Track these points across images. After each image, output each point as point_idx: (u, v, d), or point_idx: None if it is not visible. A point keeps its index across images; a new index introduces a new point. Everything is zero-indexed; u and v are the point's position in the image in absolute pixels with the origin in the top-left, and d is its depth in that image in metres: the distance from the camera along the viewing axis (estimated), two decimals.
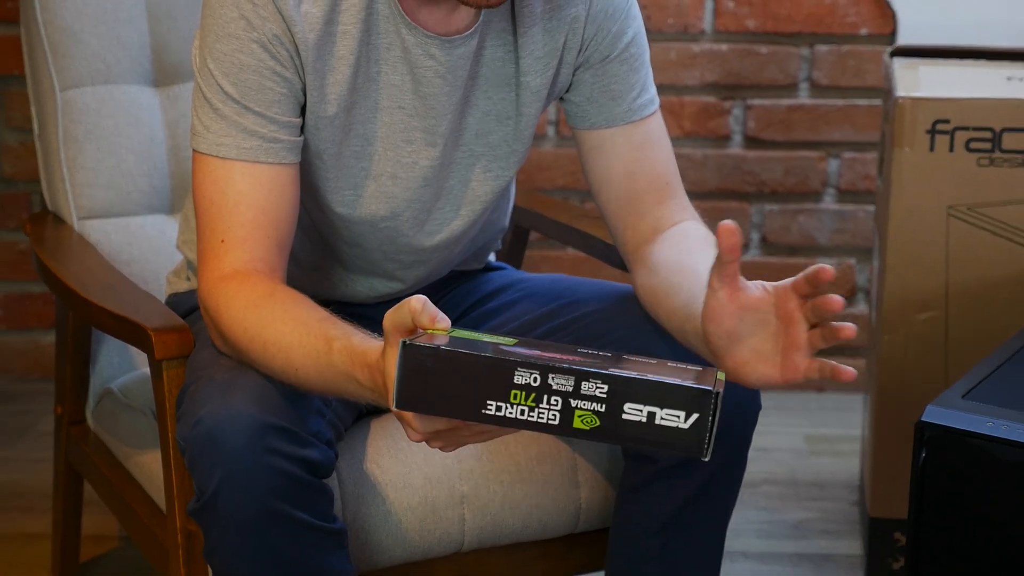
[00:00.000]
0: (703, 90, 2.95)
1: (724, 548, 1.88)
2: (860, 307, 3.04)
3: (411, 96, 1.76)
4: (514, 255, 2.37)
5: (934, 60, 2.40)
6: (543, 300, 1.96)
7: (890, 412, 2.33)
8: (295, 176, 1.71)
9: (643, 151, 1.84)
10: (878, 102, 2.94)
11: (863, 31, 2.91)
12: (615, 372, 1.35)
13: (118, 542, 2.52)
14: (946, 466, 1.76)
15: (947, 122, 2.22)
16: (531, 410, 1.35)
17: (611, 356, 1.42)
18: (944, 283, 2.27)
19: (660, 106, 1.88)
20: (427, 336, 1.39)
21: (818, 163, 2.98)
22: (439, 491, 1.87)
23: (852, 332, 1.45)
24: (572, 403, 1.35)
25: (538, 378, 1.35)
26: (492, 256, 2.12)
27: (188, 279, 2.02)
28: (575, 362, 1.36)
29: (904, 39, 2.87)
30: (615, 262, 2.10)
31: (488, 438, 1.49)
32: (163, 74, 2.27)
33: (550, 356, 1.38)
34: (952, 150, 2.22)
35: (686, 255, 1.76)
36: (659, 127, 1.86)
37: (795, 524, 2.59)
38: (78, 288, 1.99)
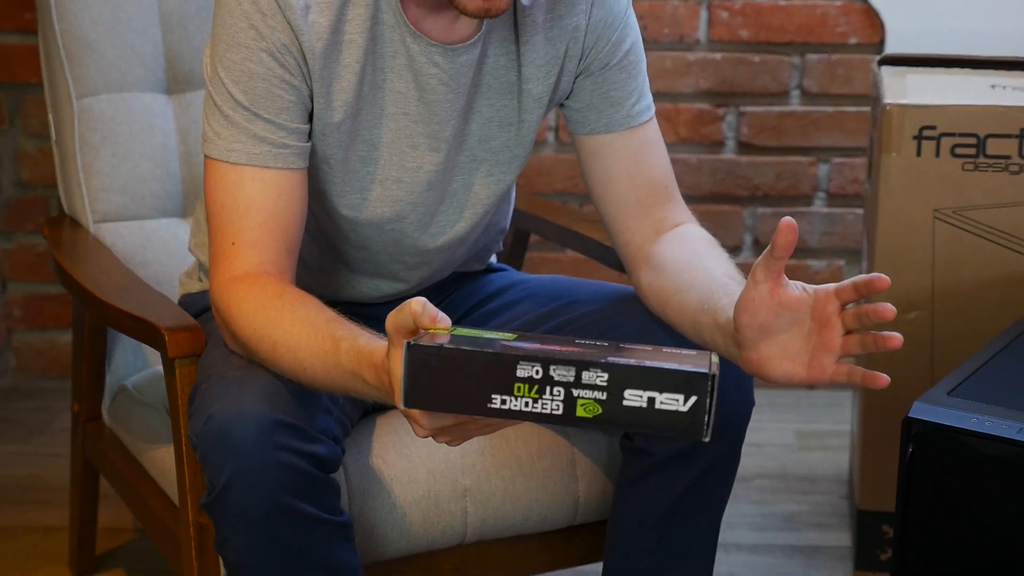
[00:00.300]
0: (698, 97, 2.95)
1: (718, 540, 1.88)
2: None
3: (416, 103, 1.76)
4: (515, 257, 2.37)
5: (921, 68, 2.39)
6: (543, 300, 1.96)
7: (878, 408, 2.33)
8: (303, 181, 1.71)
9: (641, 155, 1.84)
10: (866, 109, 2.94)
11: (852, 40, 2.90)
12: (614, 360, 1.35)
13: (133, 534, 2.52)
14: (932, 461, 1.75)
15: (933, 128, 2.21)
16: (535, 401, 1.35)
17: (608, 346, 1.42)
18: (930, 284, 2.27)
19: (656, 112, 1.88)
20: (429, 336, 1.39)
21: (808, 168, 2.98)
22: (442, 485, 1.87)
23: (899, 342, 1.46)
24: (574, 392, 1.34)
25: (540, 370, 1.34)
26: (494, 258, 2.12)
27: (200, 280, 2.02)
28: (575, 353, 1.36)
29: (892, 48, 2.87)
30: (612, 263, 2.10)
31: (493, 431, 1.49)
32: (176, 82, 2.27)
33: (551, 348, 1.38)
34: (938, 155, 2.22)
35: (693, 254, 1.76)
36: (655, 133, 1.86)
37: (786, 517, 2.59)
38: (94, 289, 1.98)
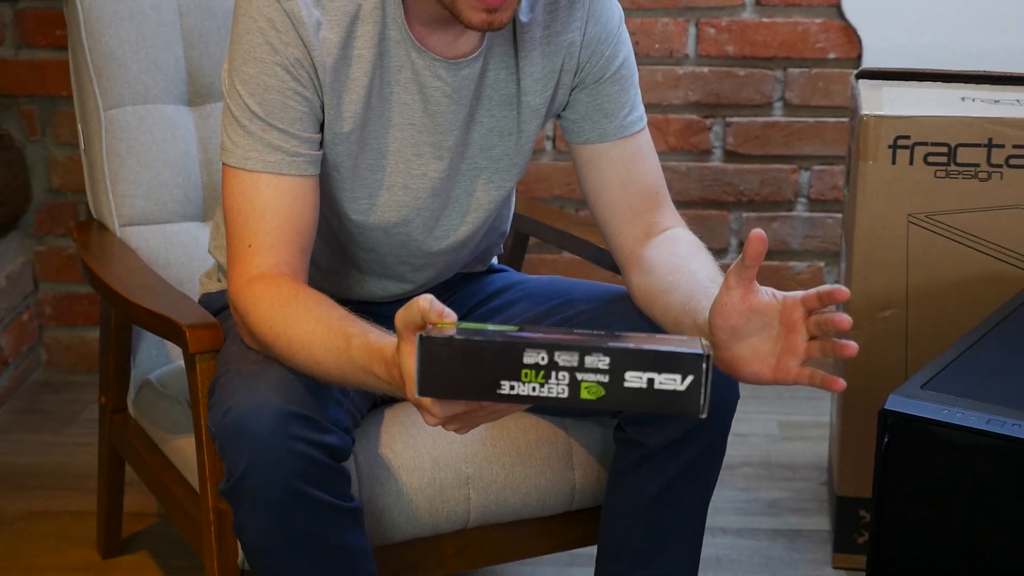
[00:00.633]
0: (687, 109, 2.94)
1: (706, 524, 1.88)
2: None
3: (421, 114, 1.75)
4: (515, 258, 2.37)
5: (896, 82, 2.39)
6: (541, 299, 1.96)
7: (856, 401, 2.32)
8: (315, 187, 1.71)
9: (634, 163, 1.84)
10: (845, 120, 2.93)
11: (831, 55, 2.90)
12: (614, 345, 1.35)
13: (156, 519, 2.52)
14: (906, 450, 1.75)
15: (907, 138, 2.21)
16: (541, 386, 1.35)
17: (605, 334, 1.43)
18: (905, 284, 2.27)
19: (648, 123, 1.87)
20: (437, 330, 1.39)
21: (790, 175, 2.97)
22: (446, 473, 1.87)
23: (854, 350, 1.46)
24: (578, 376, 1.35)
25: (545, 356, 1.35)
26: (495, 259, 2.12)
27: (219, 280, 2.02)
28: (577, 340, 1.37)
29: (868, 63, 2.87)
30: (606, 265, 2.10)
31: (499, 417, 1.49)
32: (196, 95, 2.27)
33: (554, 336, 1.38)
34: (912, 163, 2.21)
35: (679, 258, 1.75)
36: (647, 142, 1.86)
37: (770, 503, 2.59)
38: (120, 289, 1.98)
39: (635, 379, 1.35)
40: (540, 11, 1.78)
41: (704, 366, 1.34)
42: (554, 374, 1.35)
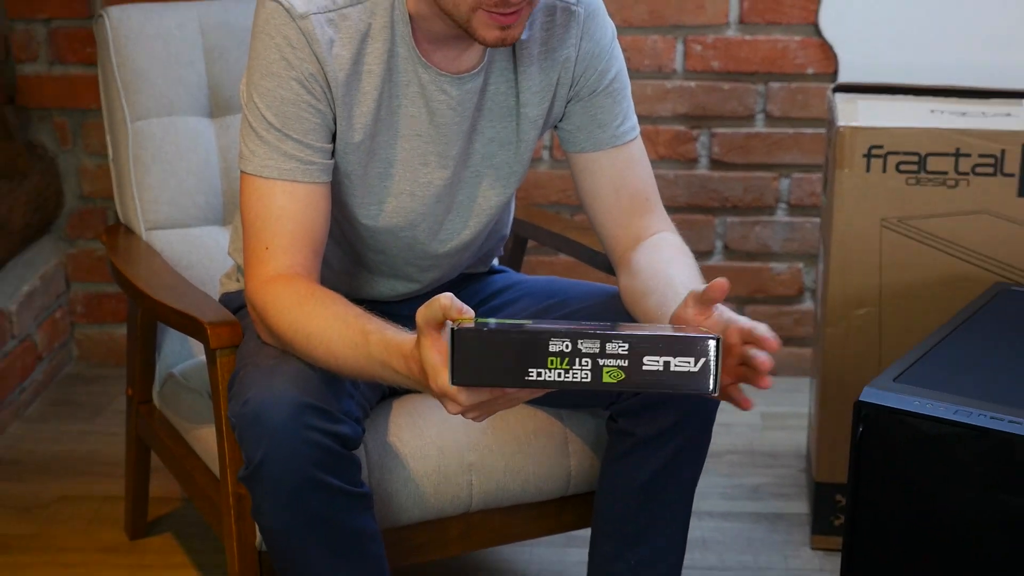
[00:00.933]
0: (675, 120, 2.94)
1: (693, 508, 1.88)
2: (807, 304, 3.03)
3: (427, 126, 1.75)
4: (514, 260, 2.36)
5: (870, 95, 2.39)
6: (539, 298, 1.96)
7: (833, 393, 2.32)
8: (327, 193, 1.71)
9: (626, 171, 1.84)
10: (822, 131, 2.93)
11: (809, 71, 2.90)
12: (632, 332, 1.38)
13: (180, 503, 2.51)
14: (880, 438, 1.75)
15: (881, 147, 2.21)
16: (566, 372, 1.37)
17: (610, 324, 1.44)
18: (878, 284, 2.26)
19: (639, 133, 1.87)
20: (458, 325, 1.40)
21: (772, 182, 2.97)
22: (450, 460, 1.87)
23: (768, 384, 1.49)
24: (600, 362, 1.37)
25: (569, 345, 1.37)
26: (495, 261, 2.11)
27: (238, 281, 2.01)
28: (592, 329, 1.39)
29: (844, 77, 2.86)
30: (600, 266, 2.10)
31: (515, 404, 1.50)
32: (217, 107, 2.26)
33: (572, 326, 1.39)
34: (885, 171, 2.21)
35: (660, 262, 1.75)
36: (640, 150, 1.86)
37: (752, 488, 2.58)
38: (146, 288, 1.98)
39: (652, 363, 1.37)
40: (538, 28, 1.77)
41: (715, 349, 1.37)
42: (578, 360, 1.37)
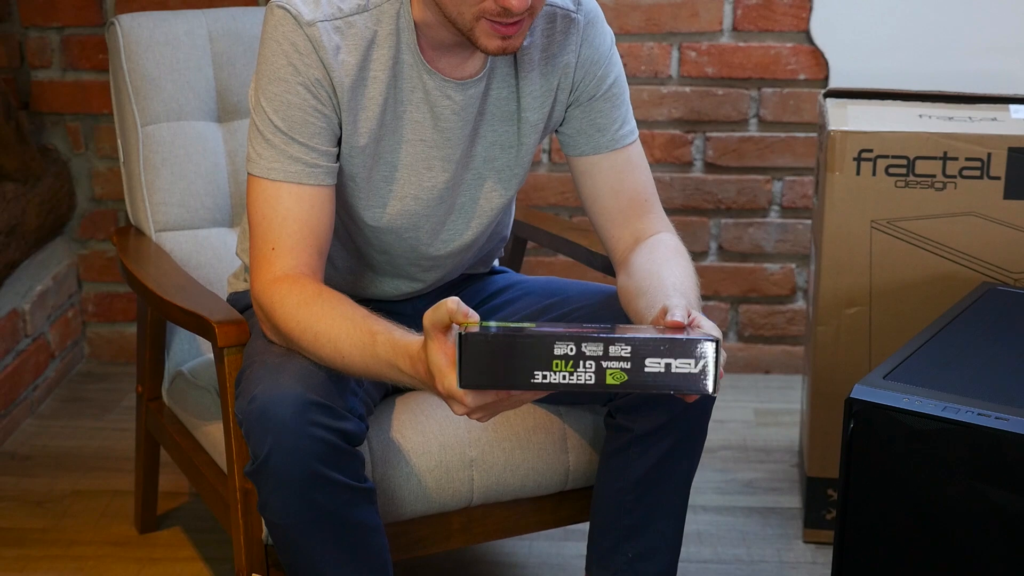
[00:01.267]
0: (670, 124, 2.94)
1: (688, 502, 1.87)
2: (799, 303, 3.03)
3: (431, 130, 1.75)
4: (514, 261, 2.36)
5: (860, 100, 2.38)
6: (539, 298, 1.95)
7: (824, 390, 2.32)
8: (332, 196, 1.70)
9: (625, 173, 1.83)
10: (814, 135, 2.92)
11: (801, 77, 2.89)
12: (634, 336, 1.38)
13: (188, 497, 2.51)
14: (870, 434, 1.74)
15: (870, 151, 2.20)
16: (571, 374, 1.38)
17: (610, 327, 1.44)
18: (868, 284, 2.26)
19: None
20: (465, 328, 1.40)
21: (765, 185, 2.97)
22: (452, 456, 1.86)
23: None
24: (603, 364, 1.38)
25: (574, 348, 1.37)
26: (496, 261, 2.11)
27: (245, 281, 2.01)
28: (592, 332, 1.39)
29: (835, 83, 2.86)
30: (597, 266, 2.09)
31: (518, 406, 1.50)
32: (225, 112, 2.26)
33: (575, 330, 1.39)
34: (874, 174, 2.21)
35: (654, 264, 1.75)
36: (638, 153, 1.85)
37: (746, 483, 2.58)
38: (155, 288, 1.98)
39: (654, 364, 1.38)
40: (538, 35, 1.77)
41: (714, 351, 1.37)
42: (582, 363, 1.37)
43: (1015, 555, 1.67)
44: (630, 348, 1.37)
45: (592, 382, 1.38)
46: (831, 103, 2.36)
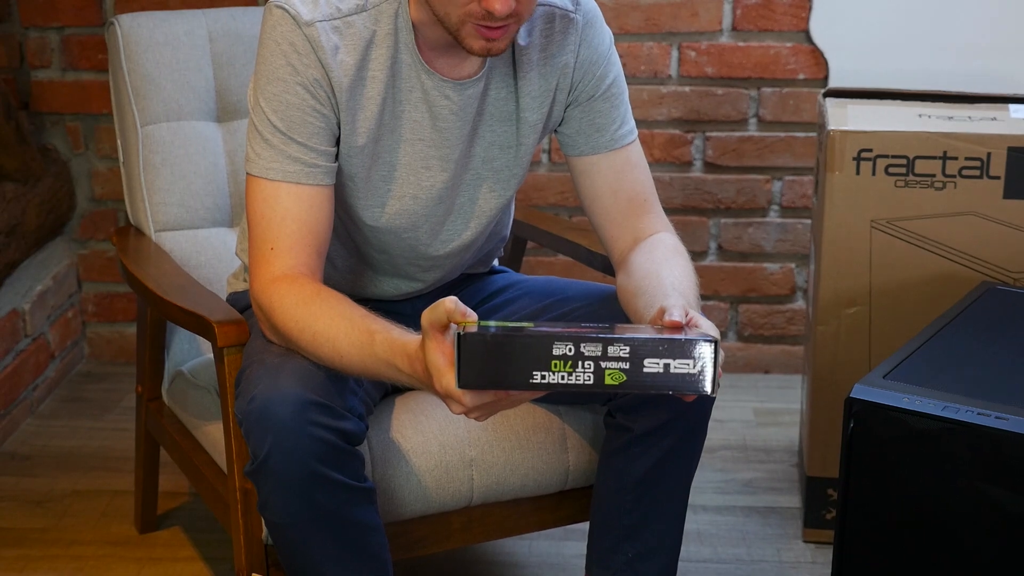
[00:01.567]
0: (670, 124, 2.94)
1: (688, 502, 1.87)
2: (799, 303, 3.03)
3: (430, 130, 1.75)
4: (514, 260, 2.36)
5: (859, 100, 2.38)
6: (538, 297, 1.95)
7: (824, 390, 2.32)
8: (331, 195, 1.70)
9: (624, 173, 1.83)
10: (813, 134, 2.92)
11: (800, 76, 2.89)
12: (633, 336, 1.37)
13: (188, 497, 2.51)
14: (870, 434, 1.74)
15: (870, 151, 2.20)
16: (569, 375, 1.38)
17: (608, 327, 1.43)
18: (868, 283, 2.26)
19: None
20: (463, 328, 1.39)
21: (764, 184, 2.97)
22: (452, 456, 1.86)
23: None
24: (602, 365, 1.37)
25: (572, 348, 1.37)
26: (496, 261, 2.11)
27: (244, 281, 2.01)
28: (591, 332, 1.39)
29: (835, 83, 2.86)
30: (597, 266, 2.09)
31: (516, 406, 1.50)
32: (224, 112, 2.26)
33: (574, 330, 1.39)
34: (874, 174, 2.21)
35: (653, 263, 1.75)
36: (637, 153, 1.85)
37: (746, 482, 2.58)
38: (155, 288, 1.98)
39: (653, 365, 1.37)
40: (537, 35, 1.77)
41: (713, 351, 1.37)
42: (580, 363, 1.37)
43: (1015, 555, 1.67)
44: (629, 348, 1.37)
45: (591, 382, 1.38)
46: (831, 103, 2.36)
